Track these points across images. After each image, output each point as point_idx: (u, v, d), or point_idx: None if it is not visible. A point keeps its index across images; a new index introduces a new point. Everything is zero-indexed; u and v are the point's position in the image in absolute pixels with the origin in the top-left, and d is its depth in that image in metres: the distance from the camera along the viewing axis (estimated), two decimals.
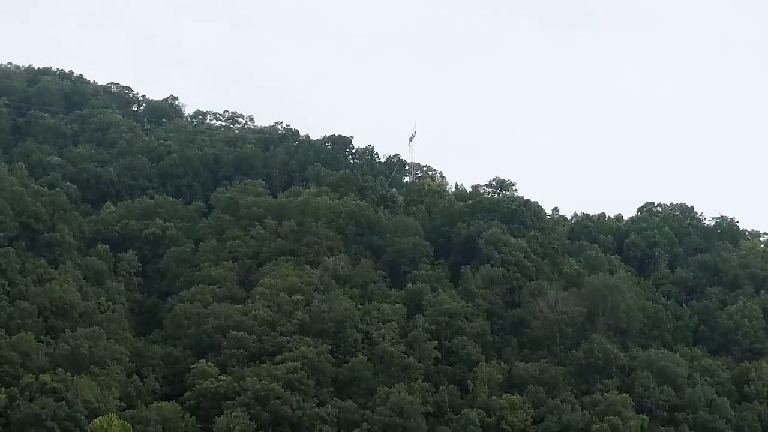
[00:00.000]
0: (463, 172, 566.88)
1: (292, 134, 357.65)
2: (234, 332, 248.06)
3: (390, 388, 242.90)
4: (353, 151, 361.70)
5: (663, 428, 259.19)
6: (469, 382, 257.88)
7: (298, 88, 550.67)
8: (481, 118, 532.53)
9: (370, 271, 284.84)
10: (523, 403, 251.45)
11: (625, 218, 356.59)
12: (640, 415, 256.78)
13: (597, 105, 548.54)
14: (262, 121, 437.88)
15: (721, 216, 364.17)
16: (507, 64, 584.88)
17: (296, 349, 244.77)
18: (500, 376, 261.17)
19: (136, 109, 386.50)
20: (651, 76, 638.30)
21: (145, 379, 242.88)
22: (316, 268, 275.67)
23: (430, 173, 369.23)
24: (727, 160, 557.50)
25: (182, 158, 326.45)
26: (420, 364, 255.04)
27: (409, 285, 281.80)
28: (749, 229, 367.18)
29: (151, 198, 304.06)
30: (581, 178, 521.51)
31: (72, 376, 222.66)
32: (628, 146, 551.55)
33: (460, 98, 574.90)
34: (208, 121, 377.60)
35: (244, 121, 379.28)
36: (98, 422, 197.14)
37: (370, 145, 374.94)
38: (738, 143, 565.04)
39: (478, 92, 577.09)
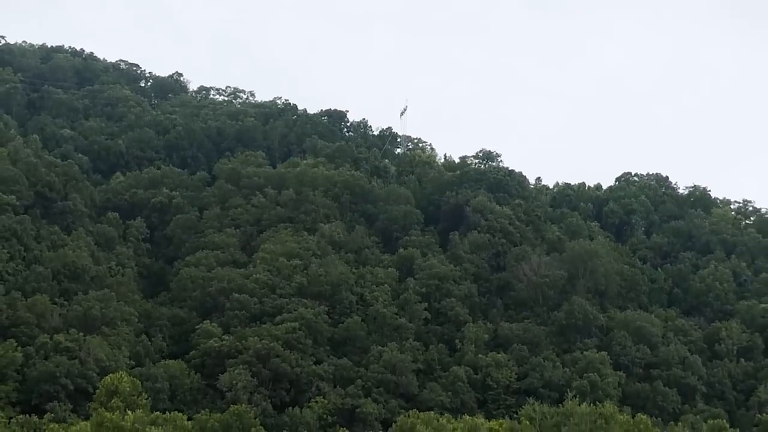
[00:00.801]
0: (451, 144, 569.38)
1: (290, 108, 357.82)
2: (236, 294, 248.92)
3: (383, 347, 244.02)
4: (348, 124, 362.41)
5: (639, 384, 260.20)
6: (457, 341, 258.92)
7: (297, 65, 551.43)
8: (469, 92, 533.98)
9: (364, 238, 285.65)
10: (508, 360, 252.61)
11: (604, 187, 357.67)
12: (618, 372, 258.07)
13: (579, 80, 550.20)
14: (263, 96, 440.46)
15: (694, 185, 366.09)
16: (494, 40, 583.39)
17: (295, 310, 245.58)
18: (486, 335, 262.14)
19: (143, 84, 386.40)
20: (630, 53, 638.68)
21: (152, 339, 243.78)
22: (314, 235, 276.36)
23: (420, 145, 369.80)
24: (700, 133, 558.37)
25: (187, 131, 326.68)
26: (411, 325, 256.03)
27: (401, 250, 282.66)
28: (720, 198, 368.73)
29: (158, 169, 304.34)
30: (563, 149, 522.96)
31: (84, 336, 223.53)
32: (608, 119, 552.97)
33: (450, 73, 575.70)
34: (211, 96, 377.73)
35: (245, 96, 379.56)
36: (109, 379, 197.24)
37: (364, 119, 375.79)
38: (711, 117, 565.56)
39: (467, 67, 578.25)
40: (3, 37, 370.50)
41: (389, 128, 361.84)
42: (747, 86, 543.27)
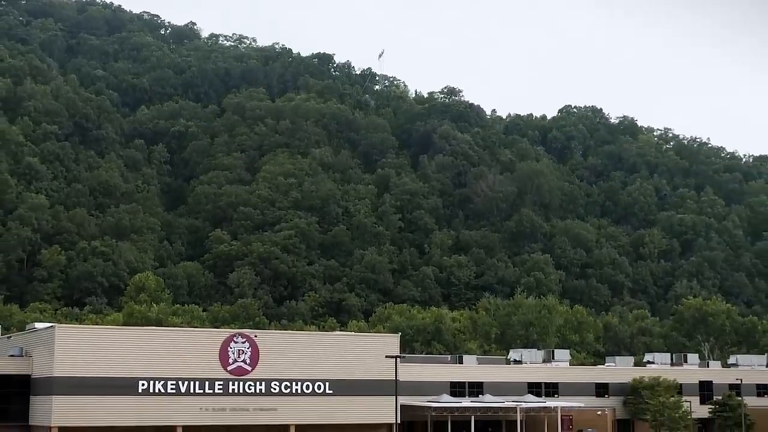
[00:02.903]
0: (421, 81, 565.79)
1: (286, 52, 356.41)
2: (242, 207, 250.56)
3: (364, 250, 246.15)
4: (335, 65, 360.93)
5: (576, 281, 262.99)
6: (425, 245, 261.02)
7: (293, 14, 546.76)
8: (441, 41, 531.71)
9: (348, 160, 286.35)
10: (468, 261, 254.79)
11: (548, 117, 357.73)
12: (559, 271, 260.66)
13: (531, 28, 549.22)
14: (263, 41, 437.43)
15: (624, 115, 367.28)
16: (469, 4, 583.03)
17: (291, 220, 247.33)
18: (450, 241, 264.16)
19: (163, 32, 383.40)
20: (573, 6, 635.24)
21: (173, 244, 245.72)
22: (306, 158, 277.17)
23: (395, 83, 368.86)
24: (630, 70, 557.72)
25: (200, 71, 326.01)
26: (387, 232, 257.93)
27: (379, 171, 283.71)
28: (646, 126, 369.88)
29: (176, 103, 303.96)
30: (515, 86, 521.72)
31: (116, 242, 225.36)
32: (553, 61, 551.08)
33: (418, 22, 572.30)
34: (220, 42, 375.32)
35: (248, 42, 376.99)
36: (137, 277, 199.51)
37: (348, 61, 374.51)
38: (638, 57, 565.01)
39: (442, 21, 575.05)
40: None
41: (369, 68, 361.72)
42: (669, 31, 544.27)
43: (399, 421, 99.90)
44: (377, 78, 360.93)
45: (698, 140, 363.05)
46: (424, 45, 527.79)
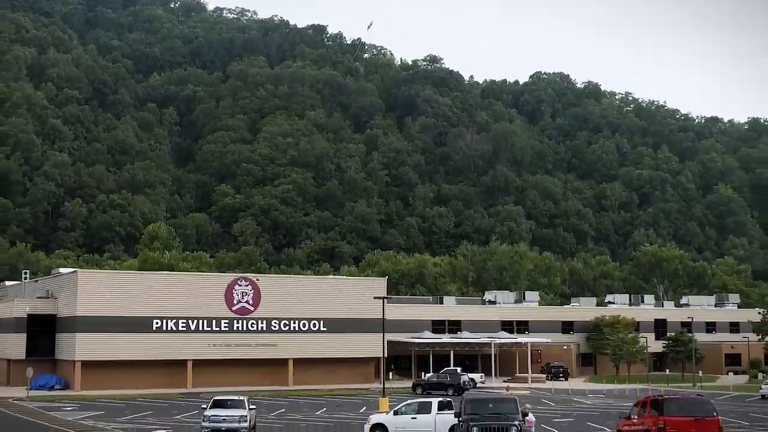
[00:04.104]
0: (405, 50, 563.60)
1: (284, 24, 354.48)
2: (245, 164, 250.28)
3: (354, 203, 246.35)
4: (328, 35, 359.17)
5: (545, 230, 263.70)
6: (410, 198, 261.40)
7: None
8: (420, 6, 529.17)
9: (340, 121, 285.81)
10: (448, 212, 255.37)
11: (521, 82, 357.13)
12: (529, 221, 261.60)
13: (507, 1, 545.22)
14: (263, 14, 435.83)
15: (589, 80, 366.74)
16: None
17: (289, 176, 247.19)
18: (431, 194, 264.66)
19: (173, 5, 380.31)
20: None
21: (183, 198, 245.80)
22: (303, 119, 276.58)
23: (382, 51, 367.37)
24: (593, 38, 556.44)
25: (206, 41, 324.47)
26: (375, 186, 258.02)
27: (368, 131, 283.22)
28: (608, 90, 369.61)
29: (185, 70, 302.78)
30: (491, 53, 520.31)
31: (132, 195, 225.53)
32: (525, 29, 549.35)
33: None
34: (224, 14, 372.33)
35: (250, 14, 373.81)
36: (151, 227, 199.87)
37: (340, 31, 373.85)
38: (600, 25, 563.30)
39: None
40: None
41: (359, 38, 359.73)
42: (631, 2, 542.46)
43: (386, 356, 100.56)
44: (366, 47, 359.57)
45: (656, 103, 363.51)
46: (408, 17, 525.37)
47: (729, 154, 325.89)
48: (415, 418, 53.14)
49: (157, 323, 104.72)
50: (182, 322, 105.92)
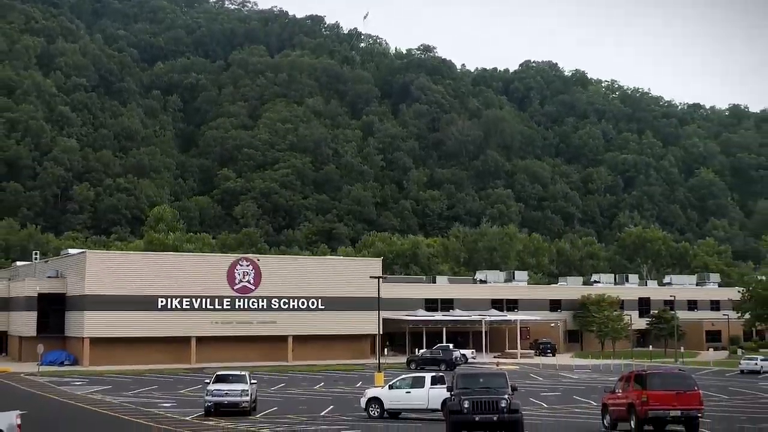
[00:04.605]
0: (400, 39, 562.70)
1: (283, 14, 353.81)
2: (246, 149, 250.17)
3: (351, 186, 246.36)
4: (325, 25, 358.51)
5: (534, 212, 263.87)
6: (404, 182, 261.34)
7: None
8: (417, 4, 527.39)
9: (337, 108, 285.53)
10: (440, 196, 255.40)
11: (511, 71, 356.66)
12: (518, 204, 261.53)
13: None
14: (263, 5, 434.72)
15: (576, 69, 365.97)
16: None
17: (288, 160, 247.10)
18: (425, 178, 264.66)
19: None
20: None
21: (186, 181, 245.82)
22: (301, 106, 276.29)
23: (378, 41, 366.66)
24: (581, 27, 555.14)
25: (209, 31, 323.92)
26: (371, 171, 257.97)
27: (364, 117, 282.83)
28: (595, 78, 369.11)
29: (188, 59, 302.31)
30: (482, 42, 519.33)
31: (138, 179, 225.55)
32: (516, 19, 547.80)
33: None
34: (226, 5, 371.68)
35: (250, 5, 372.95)
36: (156, 210, 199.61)
37: (337, 22, 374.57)
38: (586, 14, 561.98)
39: None
40: None
41: (355, 28, 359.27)
42: None
43: (381, 333, 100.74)
44: (362, 37, 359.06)
45: (640, 90, 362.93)
46: (403, 8, 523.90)
47: (710, 140, 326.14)
48: (409, 392, 53.37)
49: (162, 302, 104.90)
50: (186, 301, 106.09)
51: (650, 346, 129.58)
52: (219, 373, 58.36)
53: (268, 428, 45.99)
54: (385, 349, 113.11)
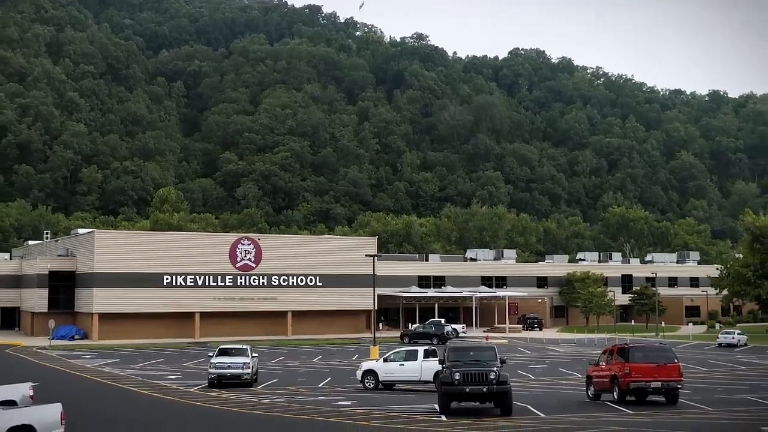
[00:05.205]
0: (394, 28, 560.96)
1: (282, 4, 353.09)
2: (247, 133, 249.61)
3: (347, 168, 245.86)
4: (323, 15, 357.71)
5: (522, 193, 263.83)
6: (398, 164, 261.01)
7: None
8: None
9: (334, 94, 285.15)
10: (433, 177, 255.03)
11: (500, 58, 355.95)
12: (507, 185, 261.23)
13: None
14: None
15: (563, 56, 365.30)
16: None
17: (287, 144, 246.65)
18: (418, 161, 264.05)
19: None
20: None
21: (190, 164, 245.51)
22: (300, 92, 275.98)
23: (373, 30, 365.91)
24: (567, 16, 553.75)
25: (211, 20, 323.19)
26: (367, 154, 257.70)
27: (360, 103, 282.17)
28: (580, 65, 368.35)
29: (191, 47, 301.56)
30: (473, 31, 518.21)
31: (143, 162, 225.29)
32: (505, 8, 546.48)
33: None
34: None
35: None
36: (161, 191, 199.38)
37: (334, 11, 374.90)
38: (575, 3, 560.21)
39: None
40: None
41: (351, 17, 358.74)
42: None
43: (376, 308, 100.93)
44: (358, 26, 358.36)
45: (624, 77, 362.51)
46: None
47: (691, 124, 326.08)
48: (403, 364, 53.60)
49: (167, 279, 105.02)
50: (190, 278, 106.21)
51: (632, 321, 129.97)
52: (222, 347, 58.64)
53: (269, 399, 46.18)
54: (380, 324, 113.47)
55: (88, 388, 53.22)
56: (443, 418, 37.91)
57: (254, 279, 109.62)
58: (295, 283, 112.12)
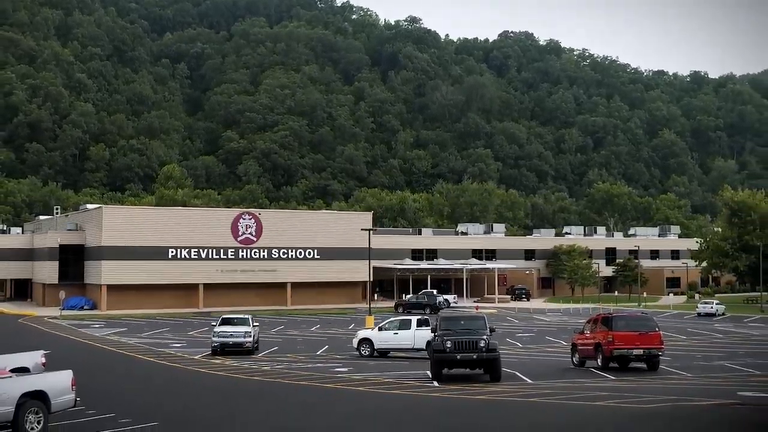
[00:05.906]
0: (389, 11, 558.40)
1: None
2: (248, 113, 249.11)
3: (344, 146, 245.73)
4: None
5: (511, 170, 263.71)
6: (392, 142, 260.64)
7: None
8: None
9: (332, 75, 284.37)
10: (426, 155, 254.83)
11: (490, 40, 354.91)
12: (497, 162, 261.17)
13: None
14: None
15: (550, 39, 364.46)
16: None
17: (287, 123, 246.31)
18: (411, 139, 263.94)
19: None
20: None
21: (194, 142, 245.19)
22: (298, 73, 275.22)
23: (368, 13, 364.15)
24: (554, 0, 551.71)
25: (213, 4, 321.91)
26: (362, 132, 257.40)
27: (356, 83, 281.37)
28: (567, 47, 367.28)
29: (194, 29, 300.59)
30: (464, 14, 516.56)
31: (149, 140, 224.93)
32: None
33: None
34: None
35: None
36: (166, 168, 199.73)
37: None
38: None
39: None
40: None
41: (348, 1, 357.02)
42: None
43: (371, 280, 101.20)
44: (354, 9, 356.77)
45: (609, 58, 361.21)
46: None
47: (673, 104, 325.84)
48: (397, 333, 53.83)
49: (172, 252, 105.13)
50: (194, 251, 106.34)
51: (616, 292, 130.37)
52: (224, 316, 58.87)
53: (269, 366, 46.37)
54: (375, 295, 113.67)
55: (98, 355, 53.42)
56: (435, 383, 38.12)
57: (255, 252, 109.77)
58: (294, 256, 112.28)
